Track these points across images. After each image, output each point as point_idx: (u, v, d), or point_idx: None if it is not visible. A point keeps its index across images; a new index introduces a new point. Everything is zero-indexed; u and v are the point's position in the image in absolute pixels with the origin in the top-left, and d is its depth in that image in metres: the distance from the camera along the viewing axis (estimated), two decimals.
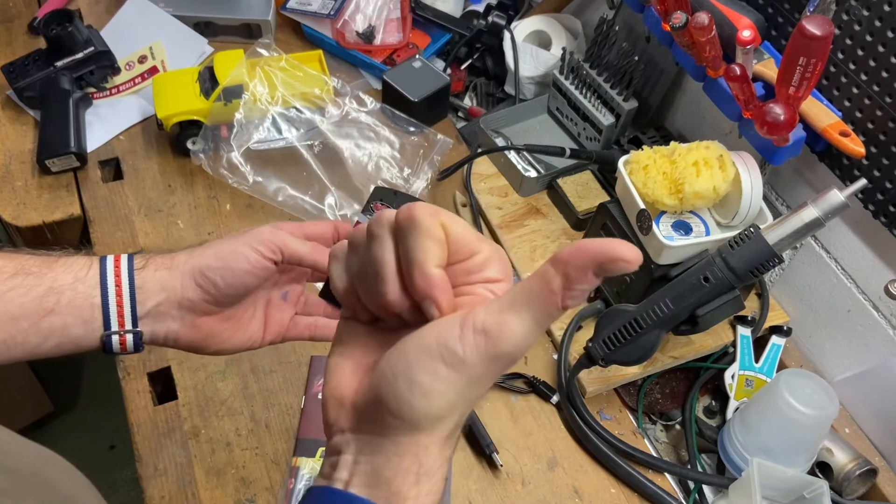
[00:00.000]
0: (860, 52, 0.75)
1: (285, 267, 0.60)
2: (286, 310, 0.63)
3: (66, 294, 0.54)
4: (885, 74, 0.73)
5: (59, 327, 0.54)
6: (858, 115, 0.77)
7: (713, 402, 0.91)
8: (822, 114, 0.77)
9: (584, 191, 1.05)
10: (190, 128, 1.05)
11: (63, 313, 0.53)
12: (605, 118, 1.05)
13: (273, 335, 0.62)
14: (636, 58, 0.99)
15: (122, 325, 0.55)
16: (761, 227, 0.74)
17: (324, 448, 0.70)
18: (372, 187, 0.67)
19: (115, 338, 0.55)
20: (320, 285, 0.60)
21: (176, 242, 0.99)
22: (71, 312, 0.54)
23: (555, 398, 0.89)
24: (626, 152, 0.88)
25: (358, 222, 0.59)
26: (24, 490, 0.44)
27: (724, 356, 0.94)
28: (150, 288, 0.55)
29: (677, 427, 0.91)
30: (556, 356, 0.93)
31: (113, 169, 1.09)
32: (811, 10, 0.75)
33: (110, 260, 0.56)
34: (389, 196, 0.70)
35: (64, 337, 0.54)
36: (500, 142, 1.11)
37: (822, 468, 0.84)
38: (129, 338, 0.55)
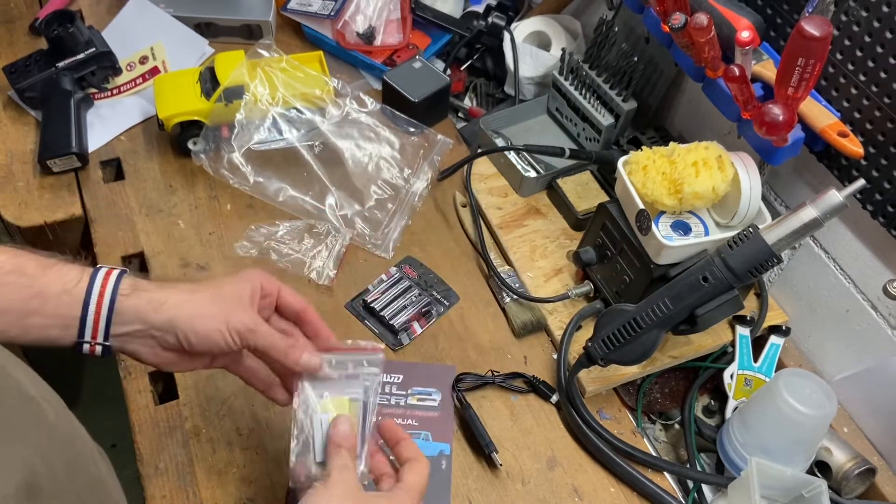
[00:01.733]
0: (859, 53, 0.75)
1: None
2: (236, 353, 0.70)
3: (51, 302, 0.59)
4: (883, 75, 0.73)
5: (39, 327, 0.60)
6: (857, 115, 0.77)
7: (712, 402, 0.91)
8: (820, 114, 0.77)
9: (583, 191, 1.06)
10: (191, 128, 1.05)
11: (45, 316, 0.59)
12: (605, 119, 1.06)
13: (218, 365, 0.69)
14: (635, 58, 0.99)
15: (94, 337, 0.61)
16: (760, 227, 0.75)
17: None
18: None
19: (86, 345, 0.61)
20: None
21: (177, 242, 0.99)
22: (52, 318, 0.60)
23: (554, 398, 0.89)
24: (626, 153, 0.88)
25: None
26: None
27: (724, 356, 0.94)
28: (129, 317, 0.62)
29: (676, 426, 0.92)
30: (555, 356, 0.93)
31: (114, 169, 1.09)
32: (810, 10, 0.75)
33: (98, 279, 0.61)
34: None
35: (42, 335, 0.60)
36: (499, 142, 1.12)
37: (820, 467, 0.84)
38: (98, 348, 0.62)
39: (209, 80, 1.06)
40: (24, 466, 0.41)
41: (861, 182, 0.71)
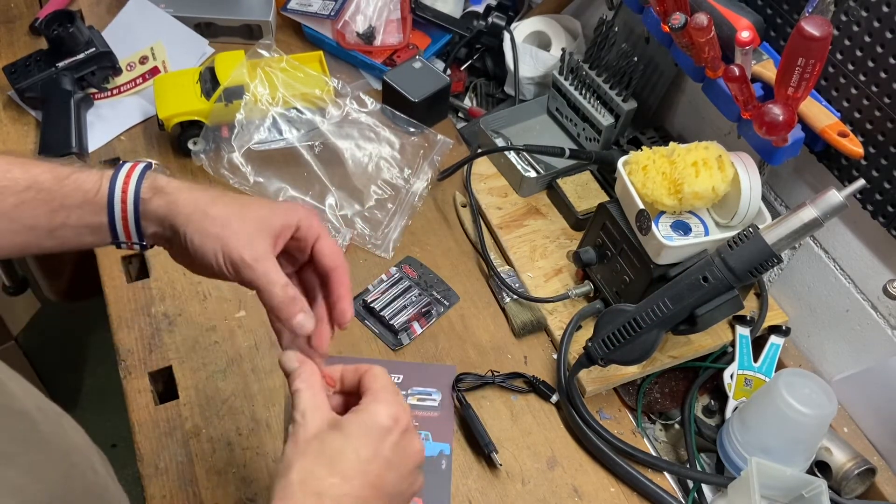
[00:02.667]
0: (858, 53, 0.75)
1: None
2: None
3: (74, 213, 0.59)
4: (883, 75, 0.73)
5: (72, 236, 0.60)
6: (857, 115, 0.78)
7: (712, 402, 0.91)
8: (820, 114, 0.77)
9: (583, 191, 1.06)
10: (191, 128, 1.05)
11: (74, 227, 0.59)
12: (605, 119, 1.06)
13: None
14: (635, 58, 0.99)
15: (128, 239, 0.61)
16: (760, 227, 0.75)
17: None
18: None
19: (124, 245, 0.62)
20: None
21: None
22: (82, 227, 0.60)
23: (554, 397, 0.89)
24: (626, 153, 0.88)
25: None
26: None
27: (723, 356, 0.94)
28: (150, 220, 0.60)
29: (676, 426, 0.92)
30: (555, 356, 0.93)
31: None
32: (810, 10, 0.75)
33: (118, 188, 0.59)
34: None
35: (78, 242, 0.61)
36: (499, 142, 1.12)
37: (820, 467, 0.84)
38: (136, 246, 0.62)
39: (209, 80, 1.06)
40: (15, 491, 0.40)
41: (861, 182, 0.71)
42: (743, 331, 0.93)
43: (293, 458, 0.52)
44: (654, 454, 0.88)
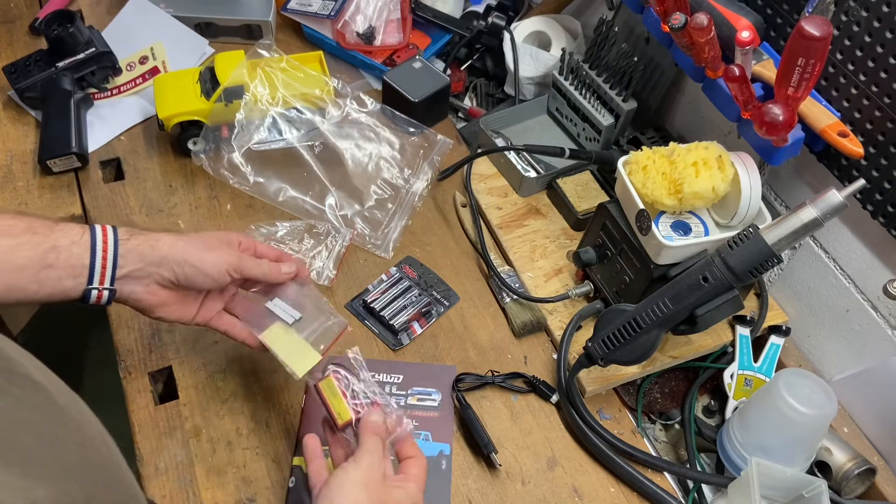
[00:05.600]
0: (859, 53, 0.75)
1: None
2: (217, 302, 0.79)
3: (63, 253, 0.67)
4: (883, 75, 0.73)
5: (54, 279, 0.66)
6: (857, 115, 0.77)
7: (712, 402, 0.91)
8: (820, 114, 0.77)
9: (583, 191, 1.06)
10: (191, 128, 1.05)
11: (59, 268, 0.66)
12: (605, 119, 1.06)
13: (201, 319, 0.78)
14: (635, 58, 0.99)
15: (102, 282, 0.69)
16: (760, 227, 0.75)
17: (325, 447, 0.71)
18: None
19: (94, 292, 0.69)
20: (250, 293, 0.81)
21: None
22: (65, 268, 0.67)
23: (554, 397, 0.89)
24: (626, 153, 0.88)
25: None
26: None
27: (724, 356, 0.94)
28: (131, 257, 0.70)
29: (676, 426, 0.92)
30: (555, 356, 0.93)
31: (114, 169, 1.09)
32: (810, 10, 0.75)
33: (98, 230, 0.69)
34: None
35: (56, 288, 0.67)
36: (499, 142, 1.12)
37: (820, 467, 0.84)
38: (105, 293, 0.69)
39: (209, 80, 1.06)
40: (30, 460, 0.40)
41: (861, 182, 0.71)
42: (743, 331, 0.93)
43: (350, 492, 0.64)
44: (654, 454, 0.87)
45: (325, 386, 0.72)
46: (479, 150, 1.07)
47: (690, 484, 0.85)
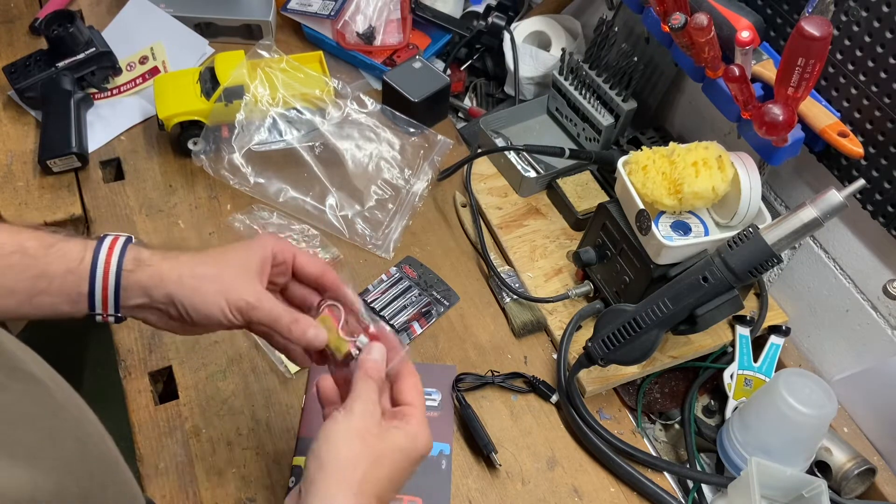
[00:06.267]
0: (858, 53, 0.75)
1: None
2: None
3: (56, 281, 0.60)
4: (883, 75, 0.73)
5: (49, 304, 0.60)
6: (857, 115, 0.77)
7: (712, 402, 0.91)
8: (820, 114, 0.77)
9: (583, 191, 1.06)
10: (191, 128, 1.05)
11: (53, 295, 0.60)
12: (605, 119, 1.06)
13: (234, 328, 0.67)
14: (635, 58, 0.99)
15: (105, 311, 0.62)
16: (760, 227, 0.75)
17: None
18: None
19: (98, 317, 0.62)
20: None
21: (177, 243, 0.99)
22: (61, 295, 0.60)
23: (554, 397, 0.89)
24: (626, 153, 0.88)
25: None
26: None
27: (723, 356, 0.94)
28: (135, 291, 0.62)
29: (676, 426, 0.92)
30: (555, 356, 0.93)
31: (114, 169, 1.09)
32: (810, 10, 0.75)
33: (102, 256, 0.61)
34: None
35: (53, 311, 0.61)
36: (499, 142, 1.12)
37: (820, 467, 0.84)
38: (111, 318, 0.63)
39: (209, 80, 1.06)
40: (30, 456, 0.41)
41: (861, 182, 0.71)
42: (743, 331, 0.93)
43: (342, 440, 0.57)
44: (654, 454, 0.87)
45: (321, 322, 0.66)
46: (479, 150, 1.07)
47: (690, 484, 0.85)
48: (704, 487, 0.84)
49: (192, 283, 0.62)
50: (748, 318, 0.94)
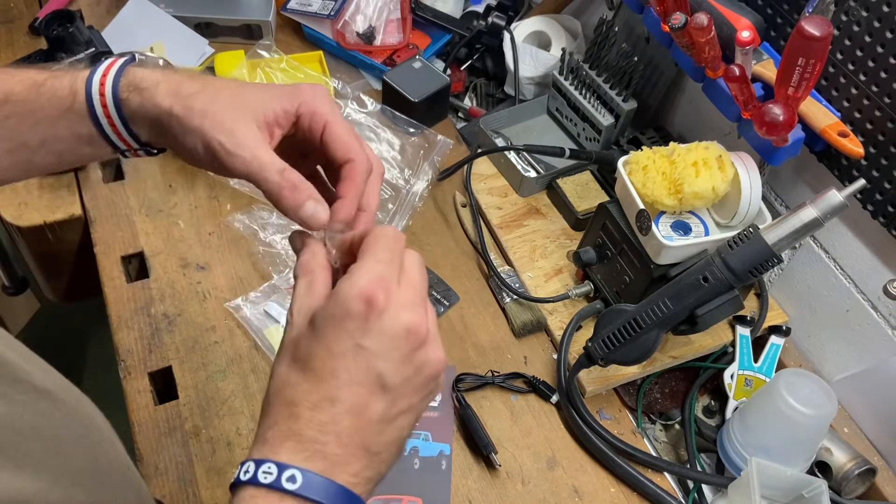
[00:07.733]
0: (859, 53, 0.75)
1: None
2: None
3: (59, 125, 0.53)
4: (883, 75, 0.73)
5: (68, 149, 0.54)
6: (857, 115, 0.77)
7: (712, 402, 0.91)
8: (820, 114, 0.77)
9: (583, 191, 1.06)
10: None
11: (67, 138, 0.53)
12: (605, 119, 1.06)
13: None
14: (635, 58, 0.99)
15: (129, 146, 0.55)
16: (760, 227, 0.75)
17: None
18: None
19: (128, 153, 0.56)
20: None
21: (177, 242, 0.99)
22: (74, 138, 0.54)
23: (554, 398, 0.89)
24: (626, 153, 0.88)
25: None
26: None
27: (724, 356, 0.94)
28: (139, 122, 0.54)
29: (676, 426, 0.92)
30: (555, 356, 0.93)
31: (114, 169, 1.09)
32: (810, 10, 0.75)
33: (95, 88, 0.53)
34: None
35: (79, 155, 0.55)
36: (499, 142, 1.12)
37: (821, 468, 0.84)
38: (142, 151, 0.56)
39: None
40: (38, 466, 0.40)
41: (861, 182, 0.71)
42: (743, 331, 0.93)
43: (273, 366, 0.45)
44: (654, 454, 0.87)
45: None
46: (479, 150, 1.07)
47: (690, 484, 0.85)
48: (705, 488, 0.84)
49: (182, 114, 0.51)
50: (748, 318, 0.94)
